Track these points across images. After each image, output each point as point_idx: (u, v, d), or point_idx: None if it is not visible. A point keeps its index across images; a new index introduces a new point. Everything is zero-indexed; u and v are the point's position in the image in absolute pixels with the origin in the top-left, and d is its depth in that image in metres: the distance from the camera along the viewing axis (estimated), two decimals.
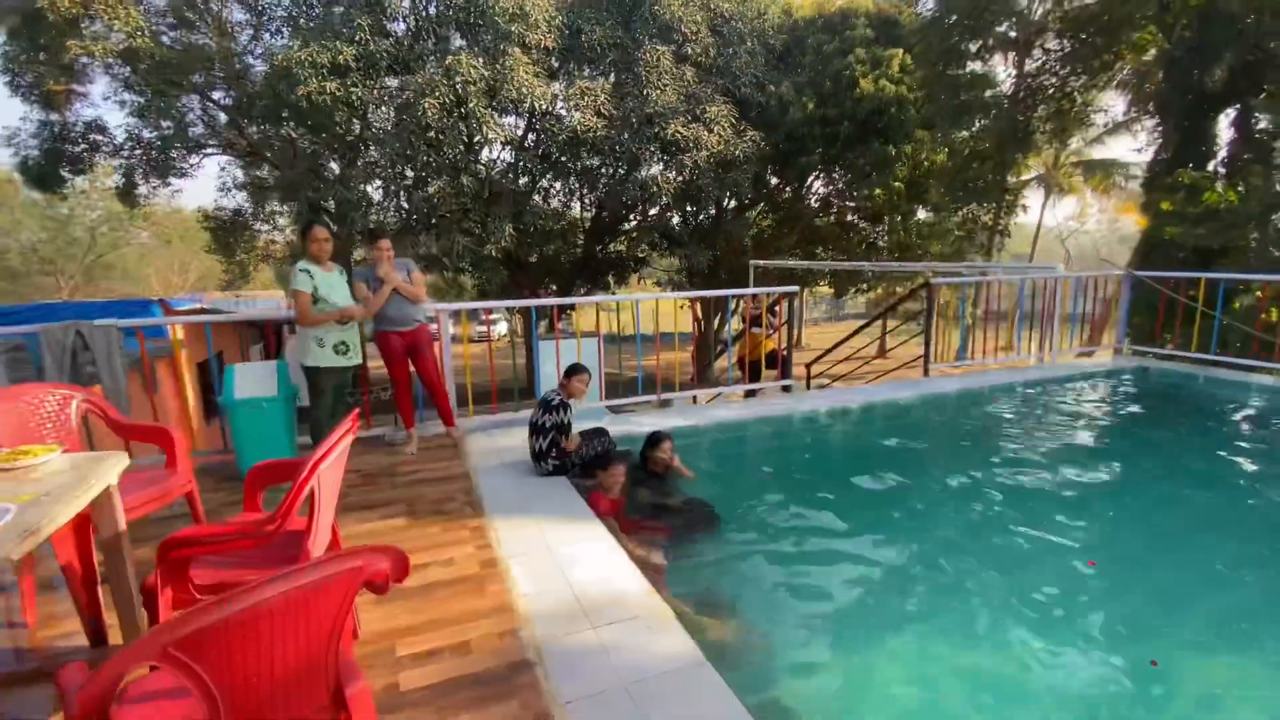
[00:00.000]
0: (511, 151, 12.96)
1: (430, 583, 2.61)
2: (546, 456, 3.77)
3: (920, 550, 3.26)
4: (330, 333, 3.72)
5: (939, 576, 3.05)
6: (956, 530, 3.45)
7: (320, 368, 3.69)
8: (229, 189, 19.72)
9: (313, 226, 3.63)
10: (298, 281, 3.58)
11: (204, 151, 18.05)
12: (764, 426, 4.99)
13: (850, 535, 3.41)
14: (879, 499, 3.87)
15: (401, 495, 3.55)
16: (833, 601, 2.88)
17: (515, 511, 3.31)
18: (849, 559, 3.23)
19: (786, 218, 16.67)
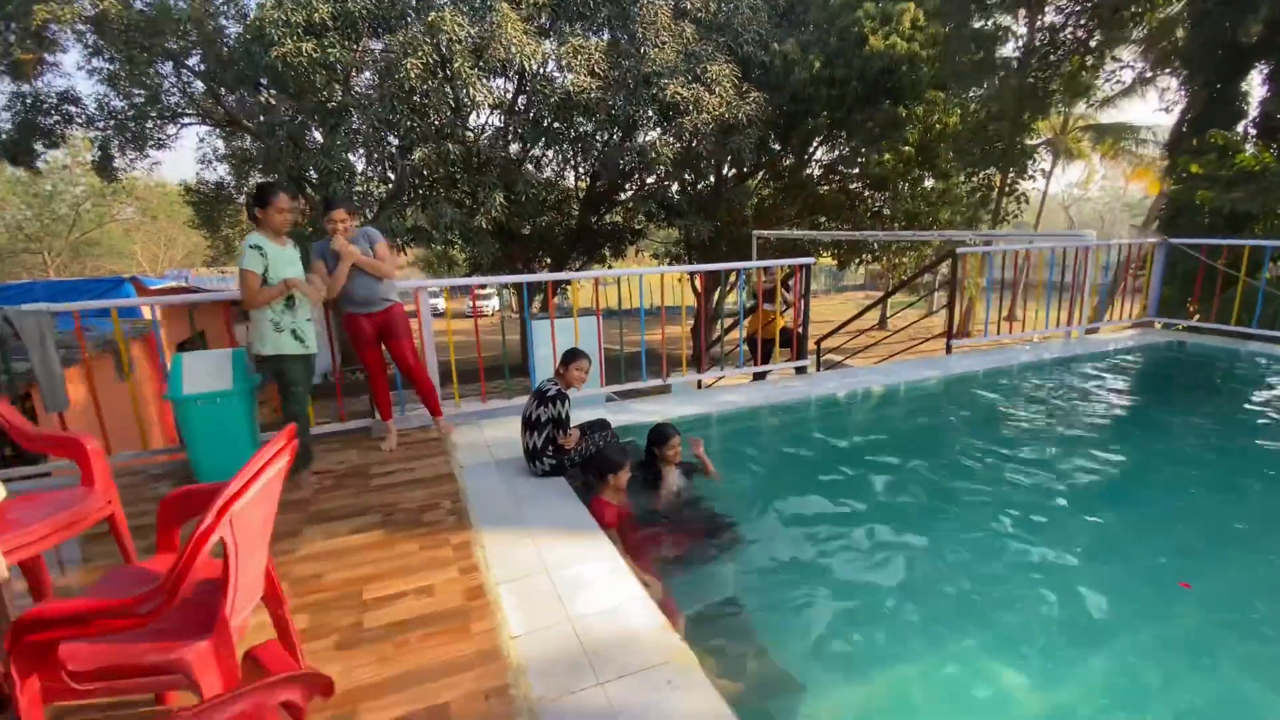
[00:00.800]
0: (501, 116, 12.26)
1: (403, 620, 2.18)
2: (542, 455, 3.33)
3: (969, 560, 2.86)
4: (284, 315, 3.19)
5: (996, 592, 2.65)
6: (1007, 535, 3.04)
7: (285, 355, 3.20)
8: (209, 161, 18.96)
9: (275, 194, 3.10)
10: (248, 260, 3.06)
11: (181, 121, 17.25)
12: (779, 414, 4.55)
13: (887, 544, 3.00)
14: (912, 498, 3.46)
15: (376, 502, 3.12)
16: (875, 629, 2.48)
17: (507, 522, 2.88)
18: (887, 572, 2.82)
19: (789, 186, 16.03)
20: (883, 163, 12.09)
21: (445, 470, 3.52)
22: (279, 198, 3.12)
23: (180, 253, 40.40)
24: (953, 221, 12.96)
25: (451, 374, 4.42)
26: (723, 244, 16.19)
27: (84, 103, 14.57)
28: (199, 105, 16.90)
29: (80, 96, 14.63)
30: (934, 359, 5.82)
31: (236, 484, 1.36)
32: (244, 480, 1.38)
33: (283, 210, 3.16)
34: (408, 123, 10.77)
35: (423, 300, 4.17)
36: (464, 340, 21.44)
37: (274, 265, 3.12)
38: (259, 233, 3.14)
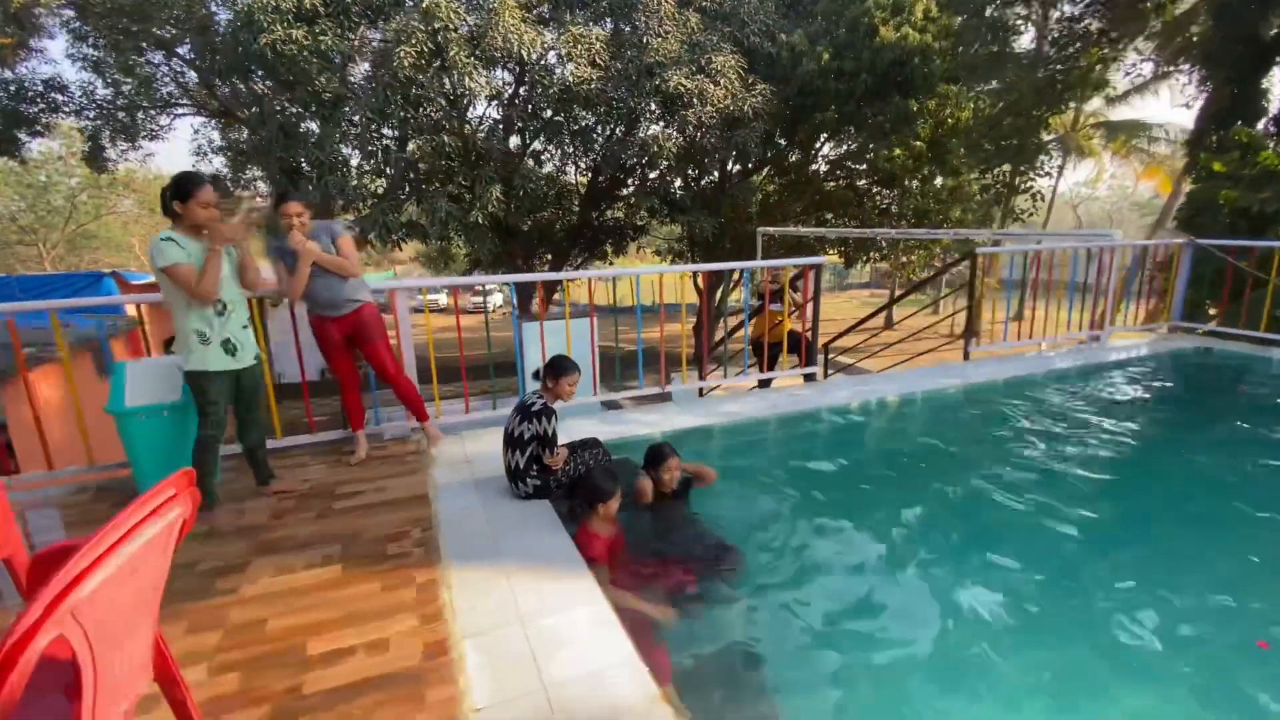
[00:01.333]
0: (499, 108, 11.90)
1: (350, 682, 1.85)
2: (525, 475, 3.00)
3: (1006, 602, 2.51)
4: (213, 323, 2.75)
5: (1040, 646, 2.31)
6: (1045, 573, 2.70)
7: (208, 372, 2.74)
8: (205, 153, 18.64)
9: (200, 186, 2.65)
10: (167, 253, 2.56)
11: (174, 112, 16.94)
12: (788, 426, 4.21)
13: (911, 577, 2.67)
14: (937, 525, 3.12)
15: (337, 529, 2.79)
16: (903, 682, 2.14)
17: (481, 556, 2.55)
18: (912, 610, 2.49)
19: (795, 183, 15.65)
20: (893, 158, 11.71)
21: (419, 490, 3.18)
22: (204, 190, 2.67)
23: None
24: (964, 220, 12.59)
25: (433, 382, 4.08)
26: (726, 241, 15.84)
27: (71, 91, 14.23)
28: (193, 96, 16.58)
29: (67, 84, 14.28)
30: (951, 365, 5.47)
31: (82, 560, 1.02)
32: (92, 557, 1.04)
33: (207, 205, 2.64)
34: (402, 114, 10.42)
35: (400, 302, 3.83)
36: (457, 338, 21.09)
37: (199, 261, 2.67)
38: (172, 230, 2.64)
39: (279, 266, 3.27)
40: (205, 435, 2.80)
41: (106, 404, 2.93)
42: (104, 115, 14.93)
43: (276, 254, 3.27)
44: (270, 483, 3.16)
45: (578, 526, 2.70)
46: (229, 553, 2.61)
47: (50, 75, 14.17)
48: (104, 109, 14.95)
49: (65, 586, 0.98)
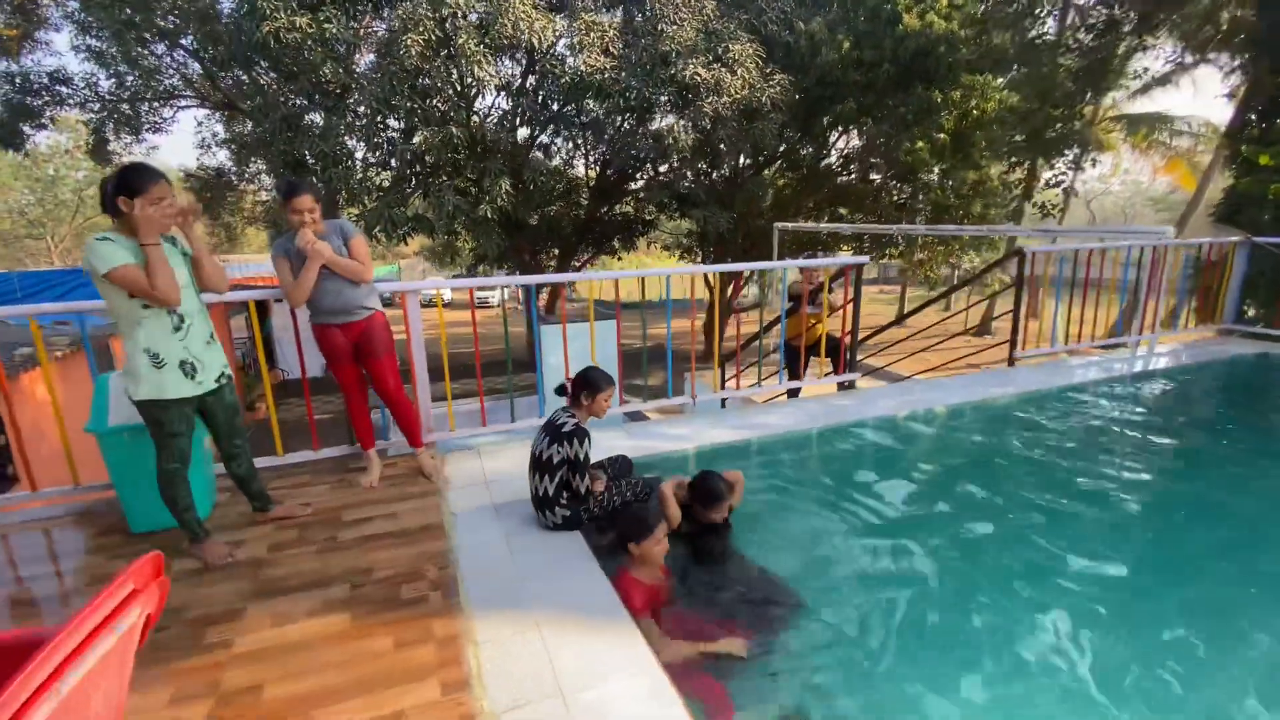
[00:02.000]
0: (508, 98, 11.53)
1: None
2: (554, 504, 2.68)
3: (1101, 641, 2.19)
4: (168, 341, 2.32)
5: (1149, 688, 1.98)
6: (1137, 605, 2.37)
7: (163, 401, 2.31)
8: (209, 146, 18.38)
9: (154, 180, 2.22)
10: (109, 257, 2.14)
11: (177, 104, 16.64)
12: (832, 440, 3.88)
13: (985, 615, 2.34)
14: (1011, 549, 2.79)
15: (344, 566, 2.48)
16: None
17: (508, 602, 2.24)
18: (992, 648, 2.17)
19: (807, 177, 15.25)
20: (914, 151, 11.30)
21: (433, 518, 2.87)
22: (158, 185, 2.22)
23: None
24: (986, 215, 12.18)
25: (445, 387, 3.76)
26: (739, 236, 15.47)
27: (75, 83, 13.94)
28: (196, 87, 16.27)
29: (71, 76, 13.99)
30: (996, 372, 5.12)
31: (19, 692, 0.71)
32: (21, 698, 0.73)
33: (159, 200, 2.22)
34: (408, 104, 10.08)
35: (411, 305, 3.51)
36: (463, 332, 20.53)
37: None
38: (112, 231, 2.24)
39: (283, 266, 2.95)
40: (165, 470, 2.41)
41: (87, 423, 2.62)
42: (107, 108, 14.64)
43: (282, 253, 2.95)
44: (269, 509, 2.85)
45: (617, 570, 2.38)
46: (222, 595, 2.31)
47: (55, 68, 13.89)
48: (107, 101, 14.67)
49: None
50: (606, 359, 4.14)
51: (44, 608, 2.27)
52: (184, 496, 2.45)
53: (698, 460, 3.59)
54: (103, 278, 2.15)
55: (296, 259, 2.94)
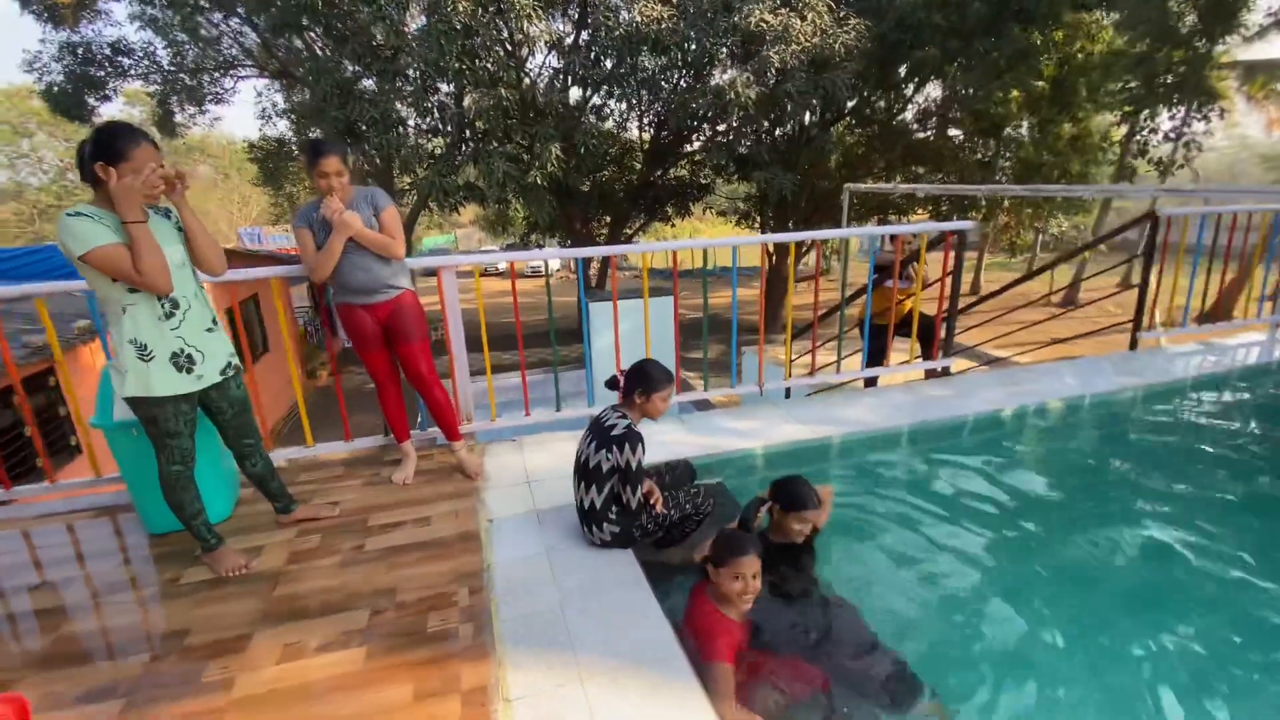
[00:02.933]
0: (559, 56, 10.97)
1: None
2: (602, 519, 2.29)
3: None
4: (158, 330, 2.00)
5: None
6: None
7: (153, 399, 2.01)
8: (269, 116, 18.62)
9: (135, 143, 1.84)
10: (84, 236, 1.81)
11: (237, 74, 16.83)
12: (930, 440, 3.32)
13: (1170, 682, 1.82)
14: (1175, 583, 2.23)
15: (364, 584, 2.17)
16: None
17: (548, 642, 1.87)
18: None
19: (881, 134, 14.09)
20: (1006, 102, 10.14)
21: (468, 525, 2.53)
22: (141, 149, 1.85)
23: (255, 210, 41.24)
24: (1086, 173, 10.90)
25: (484, 364, 3.41)
26: (802, 200, 14.56)
27: (136, 54, 14.21)
28: (253, 56, 16.39)
29: (133, 47, 14.26)
30: (1115, 356, 4.39)
31: None
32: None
33: (143, 169, 1.85)
34: (458, 65, 9.68)
35: (447, 281, 3.14)
36: (507, 302, 20.53)
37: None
38: (91, 204, 1.90)
39: (305, 237, 2.62)
40: (167, 473, 2.13)
41: (93, 416, 2.39)
42: (170, 79, 14.91)
43: (305, 223, 2.62)
44: (292, 509, 2.58)
45: (692, 601, 1.96)
46: (230, 617, 2.04)
47: (115, 38, 14.18)
48: (168, 73, 14.93)
49: None
50: (662, 340, 3.69)
51: (38, 622, 2.06)
52: (191, 501, 2.18)
53: (766, 463, 3.13)
54: (80, 260, 1.84)
55: (321, 229, 2.61)
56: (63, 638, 1.96)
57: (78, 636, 1.97)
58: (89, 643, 1.94)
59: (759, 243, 3.66)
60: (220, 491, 2.61)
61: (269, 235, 28.04)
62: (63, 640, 1.95)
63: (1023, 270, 25.49)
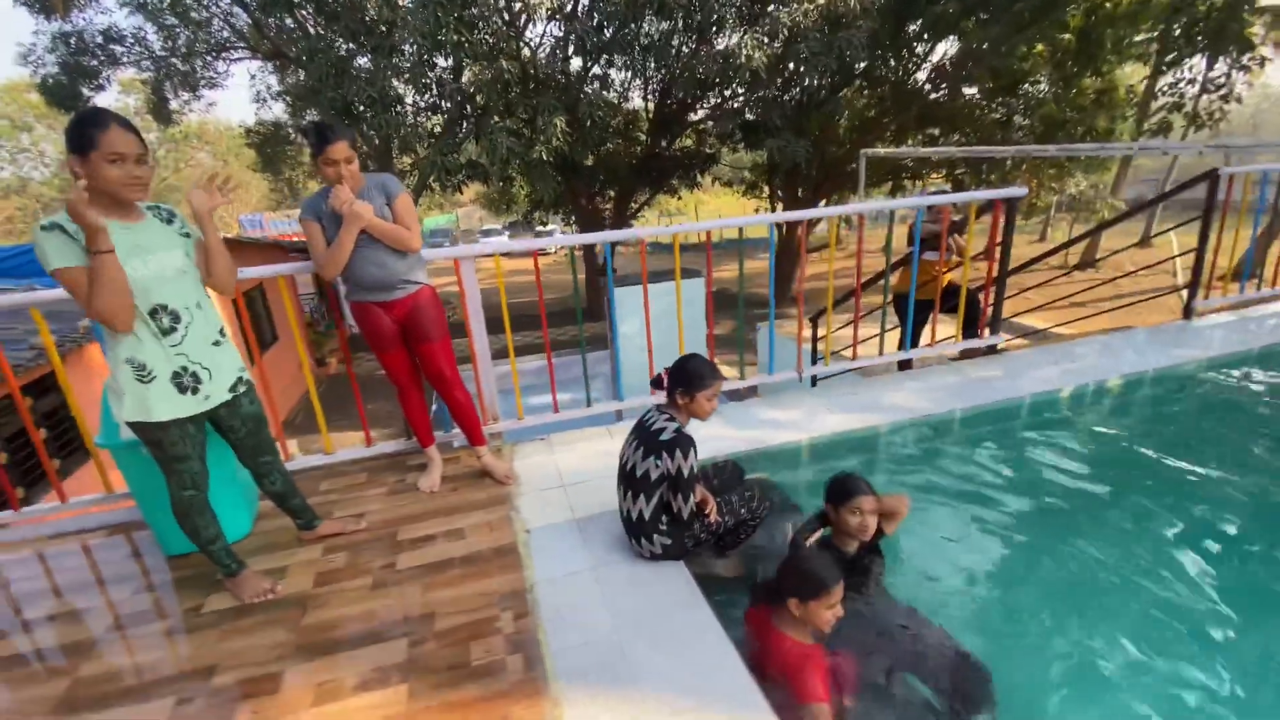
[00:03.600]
0: (559, 24, 10.53)
1: None
2: (651, 530, 2.11)
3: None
4: (155, 348, 1.80)
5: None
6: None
7: (153, 424, 1.82)
8: (264, 100, 18.20)
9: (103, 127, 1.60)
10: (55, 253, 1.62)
11: (230, 57, 16.38)
12: (980, 425, 3.12)
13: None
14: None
15: (399, 609, 2.02)
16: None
17: (604, 675, 1.71)
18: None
19: (893, 96, 13.57)
20: (1028, 57, 9.65)
21: (505, 537, 2.37)
22: (110, 133, 1.61)
23: (255, 196, 40.82)
24: (1112, 129, 10.44)
25: (508, 351, 3.22)
26: (813, 167, 14.14)
27: (128, 41, 13.81)
28: (244, 37, 15.92)
29: (124, 35, 13.86)
30: (1171, 327, 4.15)
31: None
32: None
33: (119, 157, 1.64)
34: (455, 38, 9.29)
35: (466, 272, 2.93)
36: (521, 282, 20.23)
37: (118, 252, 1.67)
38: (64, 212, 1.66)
39: (313, 231, 2.41)
40: (178, 499, 1.96)
41: (97, 435, 2.22)
42: (161, 65, 14.51)
43: (312, 215, 2.41)
44: (315, 525, 2.42)
45: (769, 635, 1.76)
46: (258, 650, 1.89)
47: (107, 25, 13.76)
48: (161, 59, 14.52)
49: None
50: (694, 325, 3.49)
51: (54, 661, 1.92)
52: (206, 526, 2.02)
53: (812, 455, 2.94)
54: (51, 273, 1.64)
55: (330, 222, 2.40)
56: (81, 680, 1.82)
57: (97, 679, 1.83)
58: (109, 685, 1.80)
59: (790, 219, 3.42)
60: (239, 507, 2.46)
61: (270, 221, 27.72)
62: (82, 684, 1.81)
63: (1037, 233, 24.90)
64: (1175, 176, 20.86)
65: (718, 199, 42.11)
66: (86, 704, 1.74)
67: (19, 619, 2.12)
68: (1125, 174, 19.32)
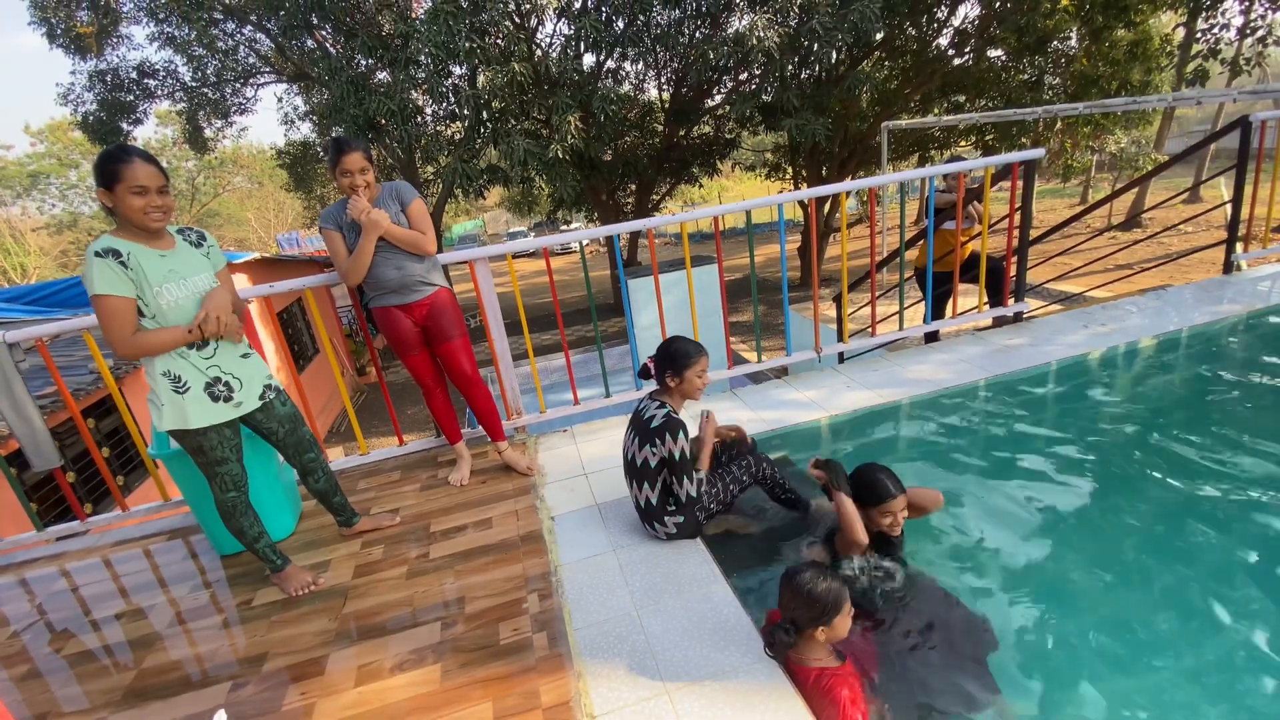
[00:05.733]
0: (569, 22, 10.58)
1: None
2: (660, 515, 2.17)
3: None
4: (190, 359, 1.94)
5: None
6: None
7: (192, 431, 1.96)
8: (292, 121, 18.83)
9: (127, 161, 1.75)
10: (99, 278, 1.74)
11: (257, 82, 16.97)
12: (1007, 394, 3.07)
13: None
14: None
15: (433, 595, 2.12)
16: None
17: (625, 652, 1.78)
18: None
19: (914, 64, 13.21)
20: (1055, 11, 9.28)
21: (530, 525, 2.46)
22: (133, 167, 1.75)
23: (290, 215, 42.19)
24: (1148, 82, 9.97)
25: (527, 349, 3.31)
26: (835, 144, 13.88)
27: (160, 74, 14.45)
28: (269, 62, 16.47)
29: (156, 68, 14.50)
30: (1209, 283, 3.99)
31: None
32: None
33: (143, 189, 1.77)
34: (468, 44, 9.43)
35: (482, 273, 3.02)
36: (539, 284, 20.47)
37: (149, 281, 1.81)
38: (114, 234, 1.83)
39: (334, 240, 2.53)
40: (222, 501, 2.11)
41: (150, 446, 2.39)
42: (193, 95, 15.13)
43: (332, 225, 2.52)
44: (354, 522, 2.55)
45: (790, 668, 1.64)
46: (303, 638, 2.02)
47: (139, 60, 14.42)
48: (192, 89, 15.15)
49: None
50: (709, 313, 3.51)
51: (121, 656, 2.09)
52: (251, 526, 2.16)
53: (832, 433, 2.95)
54: (91, 298, 1.78)
55: (350, 231, 2.51)
56: (146, 671, 1.98)
57: (160, 669, 1.98)
58: (171, 674, 1.95)
59: (800, 198, 3.41)
60: (283, 508, 2.61)
61: (305, 238, 28.67)
62: (146, 674, 1.97)
63: (1077, 196, 23.93)
64: (1223, 124, 19.77)
65: (741, 184, 41.67)
66: (152, 693, 1.89)
67: (89, 619, 2.30)
68: (1169, 127, 18.40)
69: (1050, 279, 5.35)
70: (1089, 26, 9.99)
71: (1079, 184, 22.97)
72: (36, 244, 31.61)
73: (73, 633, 2.24)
